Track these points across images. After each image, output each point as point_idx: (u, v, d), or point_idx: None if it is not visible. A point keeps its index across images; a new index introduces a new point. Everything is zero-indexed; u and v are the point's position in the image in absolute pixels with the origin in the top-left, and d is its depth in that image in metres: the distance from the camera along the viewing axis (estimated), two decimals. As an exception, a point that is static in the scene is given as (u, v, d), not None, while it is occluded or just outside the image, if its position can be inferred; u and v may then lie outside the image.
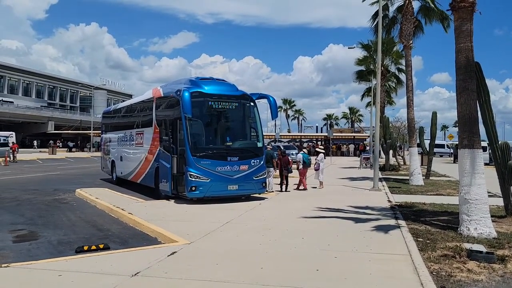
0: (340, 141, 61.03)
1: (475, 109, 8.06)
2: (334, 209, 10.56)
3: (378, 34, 17.23)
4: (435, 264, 5.66)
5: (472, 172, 7.73)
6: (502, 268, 5.52)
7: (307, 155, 16.46)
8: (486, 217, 7.52)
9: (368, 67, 32.52)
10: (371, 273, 5.31)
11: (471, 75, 8.01)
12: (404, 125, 31.42)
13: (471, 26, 8.04)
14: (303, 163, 15.62)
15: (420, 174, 18.07)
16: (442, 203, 11.49)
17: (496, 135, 9.44)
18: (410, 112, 19.05)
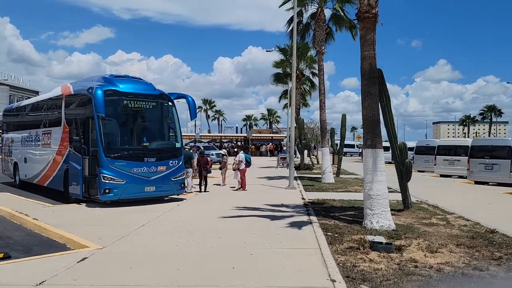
0: (259, 141, 62.39)
1: (378, 112, 8.80)
2: (252, 208, 10.81)
3: (293, 39, 17.99)
4: (341, 256, 6.09)
5: (374, 170, 8.43)
6: (399, 256, 6.11)
7: (248, 155, 16.66)
8: (386, 211, 8.25)
9: (285, 70, 33.70)
10: (284, 267, 5.57)
11: (374, 81, 8.73)
12: (317, 126, 33.07)
13: (375, 36, 8.75)
14: (245, 162, 15.78)
15: (331, 172, 19.18)
16: (350, 199, 12.34)
17: (396, 136, 10.40)
18: (322, 114, 20.14)
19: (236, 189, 15.45)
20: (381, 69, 9.36)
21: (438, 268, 5.54)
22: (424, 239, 7.06)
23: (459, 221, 9.02)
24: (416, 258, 6.00)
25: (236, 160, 15.87)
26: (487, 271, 5.44)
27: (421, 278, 5.09)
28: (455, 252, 6.35)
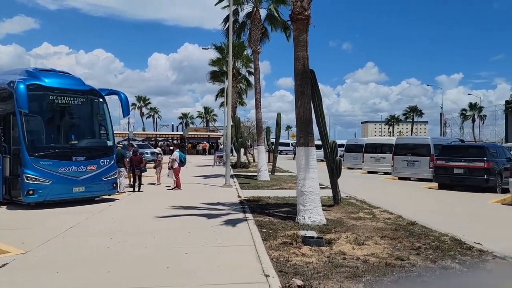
0: (195, 140, 61.80)
1: (310, 112, 9.12)
2: (187, 207, 10.70)
3: (229, 37, 18.05)
4: (275, 252, 6.25)
5: (307, 167, 8.73)
6: (329, 250, 6.39)
7: (183, 154, 16.33)
8: (318, 206, 8.59)
9: (221, 69, 33.69)
10: (219, 265, 5.60)
11: (307, 81, 9.03)
12: (253, 125, 33.44)
13: (307, 37, 9.05)
14: (179, 161, 15.45)
15: (267, 170, 19.54)
16: (284, 196, 12.67)
17: (327, 135, 10.85)
18: (258, 113, 20.43)
19: (171, 188, 15.19)
20: (313, 70, 9.71)
21: (365, 259, 5.88)
22: (352, 233, 7.45)
23: (384, 214, 9.63)
24: (344, 250, 6.32)
25: (170, 158, 15.61)
26: (408, 260, 5.87)
27: (348, 270, 5.37)
28: (380, 244, 6.77)
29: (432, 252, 6.32)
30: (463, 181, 15.56)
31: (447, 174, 15.93)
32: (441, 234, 7.44)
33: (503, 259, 5.93)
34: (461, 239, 7.02)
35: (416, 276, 5.14)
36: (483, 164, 14.93)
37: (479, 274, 5.27)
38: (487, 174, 14.88)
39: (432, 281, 4.99)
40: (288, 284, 4.78)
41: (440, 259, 5.90)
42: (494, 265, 5.65)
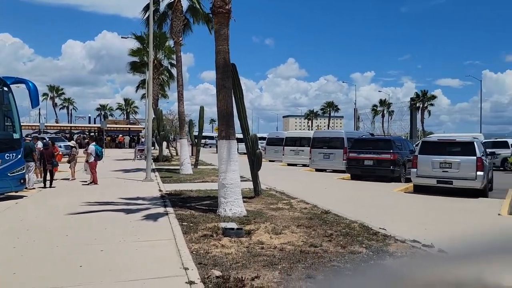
0: (115, 132, 59.10)
1: (231, 105, 9.22)
2: (104, 203, 10.27)
3: (150, 27, 17.51)
4: (196, 244, 6.27)
5: (228, 160, 8.84)
6: (248, 240, 6.57)
7: (100, 147, 15.44)
8: (238, 198, 8.75)
9: (142, 59, 32.55)
10: (137, 260, 5.49)
11: (228, 74, 9.11)
12: (176, 118, 32.89)
13: (228, 31, 9.11)
14: (95, 155, 14.58)
15: (190, 163, 19.38)
16: (206, 189, 12.70)
17: (248, 128, 11.06)
18: (180, 105, 20.13)
19: (87, 184, 14.43)
20: (234, 64, 9.83)
21: (281, 248, 6.15)
22: (270, 223, 7.72)
23: (300, 204, 10.09)
24: (263, 240, 6.54)
25: (85, 152, 14.83)
26: (321, 247, 6.24)
27: (266, 258, 5.58)
28: (296, 233, 7.10)
29: (342, 238, 6.78)
30: (373, 172, 16.81)
31: (358, 166, 17.09)
32: (351, 222, 8.00)
33: (403, 242, 6.55)
34: (368, 225, 7.62)
35: (327, 261, 5.50)
36: (390, 156, 16.27)
37: (383, 256, 5.78)
38: (393, 165, 16.24)
39: (341, 265, 5.38)
40: (207, 275, 4.85)
41: (349, 245, 6.36)
42: (395, 248, 6.22)
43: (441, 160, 12.70)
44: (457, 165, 12.41)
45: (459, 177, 12.36)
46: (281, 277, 4.84)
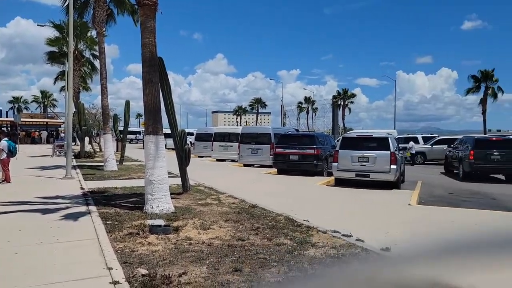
0: (31, 127, 54.81)
1: (159, 100, 9.04)
2: (19, 203, 9.54)
3: (70, 16, 16.46)
4: (120, 243, 6.09)
5: (156, 156, 8.67)
6: (176, 237, 6.52)
7: (13, 143, 14.13)
8: (166, 195, 8.63)
9: (61, 49, 30.45)
10: (55, 263, 5.20)
11: (155, 68, 8.91)
12: (99, 112, 31.36)
13: (155, 24, 8.90)
14: (7, 151, 13.32)
15: (114, 160, 18.62)
16: (133, 186, 12.33)
17: (176, 123, 10.91)
18: (104, 99, 19.23)
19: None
20: (161, 57, 9.63)
21: (209, 243, 6.19)
22: (199, 218, 7.73)
23: (229, 199, 10.21)
24: (191, 236, 6.54)
25: (2, 148, 13.63)
26: (248, 240, 6.39)
27: (194, 254, 5.59)
28: (224, 227, 7.19)
29: (269, 231, 7.00)
30: (298, 167, 17.47)
31: (284, 161, 17.66)
32: (277, 215, 8.28)
33: (325, 233, 6.92)
34: (293, 218, 7.94)
35: (254, 254, 5.65)
36: (313, 151, 17.01)
37: (305, 247, 6.07)
38: (316, 160, 17.01)
39: (267, 256, 5.56)
40: (133, 274, 4.75)
41: (275, 237, 6.58)
42: (317, 238, 6.56)
43: (359, 155, 13.56)
44: (374, 159, 13.34)
45: (375, 171, 13.30)
46: (209, 272, 4.89)
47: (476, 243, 1.91)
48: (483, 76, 44.70)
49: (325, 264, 5.23)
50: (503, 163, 16.32)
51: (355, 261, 5.27)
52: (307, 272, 4.94)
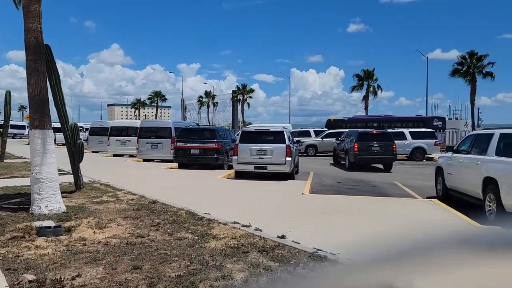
0: None
1: (46, 91, 8.33)
2: None
3: None
4: (3, 249, 5.54)
5: (44, 152, 7.99)
6: (68, 238, 6.13)
7: None
8: (56, 193, 8.01)
9: None
10: None
11: (40, 56, 8.18)
12: (-28, 102, 27.76)
13: (40, 8, 8.16)
14: None
15: (-7, 157, 16.64)
16: (16, 186, 11.18)
17: (67, 117, 10.15)
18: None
19: None
20: (49, 45, 8.90)
21: (106, 242, 5.94)
22: (94, 217, 7.34)
23: (127, 196, 9.84)
24: (85, 236, 6.19)
25: None
26: (148, 236, 6.27)
27: (88, 255, 5.32)
28: (122, 225, 6.94)
29: (170, 226, 6.94)
30: (199, 161, 17.51)
31: (185, 155, 17.54)
32: (178, 209, 8.24)
33: (226, 224, 7.09)
34: (194, 212, 7.98)
35: (154, 250, 5.57)
36: (214, 145, 17.19)
37: (207, 239, 6.16)
38: (217, 154, 17.21)
39: (168, 251, 5.53)
40: (18, 281, 4.37)
41: (176, 232, 6.56)
42: (218, 230, 6.70)
43: (257, 148, 14.07)
44: (271, 152, 13.96)
45: (272, 163, 13.93)
46: (106, 272, 4.71)
47: (418, 245, 1.85)
48: (365, 75, 49.23)
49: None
50: (382, 153, 18.35)
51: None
52: (208, 264, 5.03)
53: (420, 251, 1.72)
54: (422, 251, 1.71)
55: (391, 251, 1.90)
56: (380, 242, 2.88)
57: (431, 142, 25.76)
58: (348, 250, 5.40)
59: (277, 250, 5.64)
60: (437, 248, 1.67)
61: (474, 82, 42.61)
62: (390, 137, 19.00)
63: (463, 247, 1.62)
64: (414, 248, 1.80)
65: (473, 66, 42.26)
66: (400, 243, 1.87)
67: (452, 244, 1.67)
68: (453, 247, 1.61)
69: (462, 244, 1.66)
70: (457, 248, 1.63)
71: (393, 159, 18.84)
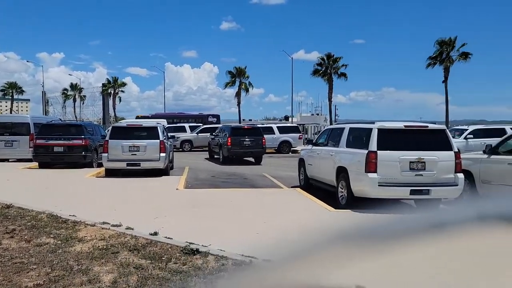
0: None
1: None
2: None
3: None
4: None
5: None
6: None
7: None
8: None
9: None
10: None
11: None
12: None
13: None
14: None
15: None
16: None
17: None
18: None
19: None
20: None
21: None
22: None
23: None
24: None
25: None
26: (1, 245, 5.64)
27: None
28: (-33, 235, 6.11)
29: (27, 232, 6.34)
30: (64, 159, 16.13)
31: (47, 153, 15.97)
32: (38, 213, 7.55)
33: (94, 226, 6.74)
34: (57, 214, 7.40)
35: (8, 260, 5.06)
36: (81, 142, 16.00)
37: (71, 243, 5.80)
38: (84, 151, 16.06)
39: (25, 260, 5.07)
40: None
41: (35, 238, 6.03)
42: (85, 232, 6.35)
43: (130, 144, 13.58)
44: (144, 148, 13.62)
45: (146, 159, 13.61)
46: None
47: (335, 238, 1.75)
48: (237, 72, 50.83)
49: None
50: (253, 147, 19.35)
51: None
52: (72, 269, 4.77)
53: (324, 244, 1.62)
54: (324, 244, 1.62)
55: (296, 248, 1.75)
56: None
57: (296, 136, 27.99)
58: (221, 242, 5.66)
59: (149, 248, 5.60)
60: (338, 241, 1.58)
61: (331, 81, 47.27)
62: (260, 132, 20.11)
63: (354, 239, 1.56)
64: (318, 241, 1.67)
65: (330, 67, 46.82)
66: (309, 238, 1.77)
67: (331, 238, 1.60)
68: (334, 241, 1.57)
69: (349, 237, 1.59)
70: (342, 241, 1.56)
71: (262, 153, 19.99)
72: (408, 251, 1.41)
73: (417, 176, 8.17)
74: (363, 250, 1.49)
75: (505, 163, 8.54)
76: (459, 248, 1.47)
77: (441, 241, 1.50)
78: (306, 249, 1.65)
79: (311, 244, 1.71)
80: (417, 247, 1.45)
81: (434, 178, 8.20)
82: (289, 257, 1.72)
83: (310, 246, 1.70)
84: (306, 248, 1.67)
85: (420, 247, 1.44)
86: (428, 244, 1.46)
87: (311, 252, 1.59)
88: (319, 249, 1.57)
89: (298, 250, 1.70)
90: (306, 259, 1.61)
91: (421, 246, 1.43)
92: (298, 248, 1.74)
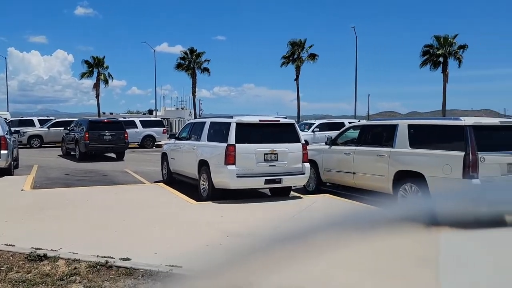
0: None
1: None
2: None
3: None
4: None
5: None
6: None
7: None
8: None
9: None
10: None
11: None
12: None
13: None
14: None
15: None
16: None
17: None
18: None
19: None
20: None
21: None
22: None
23: None
24: None
25: None
26: None
27: None
28: None
29: None
30: None
31: None
32: None
33: None
34: None
35: None
36: None
37: None
38: None
39: None
40: None
41: None
42: None
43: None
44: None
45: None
46: None
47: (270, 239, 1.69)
48: (95, 62, 47.18)
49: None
50: (114, 142, 18.38)
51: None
52: None
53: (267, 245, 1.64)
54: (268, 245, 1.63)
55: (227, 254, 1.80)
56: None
57: (159, 130, 27.45)
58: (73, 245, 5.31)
59: (-16, 258, 4.95)
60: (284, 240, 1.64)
61: (194, 76, 47.44)
62: (121, 126, 19.17)
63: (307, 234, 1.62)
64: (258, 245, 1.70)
65: (193, 62, 46.92)
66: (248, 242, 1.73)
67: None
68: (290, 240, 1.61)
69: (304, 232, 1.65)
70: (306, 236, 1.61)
71: (125, 148, 19.11)
72: (342, 252, 1.54)
73: (270, 167, 8.84)
74: (297, 254, 1.52)
75: (342, 153, 9.49)
76: (381, 248, 1.62)
77: (372, 242, 1.68)
78: (231, 258, 1.70)
79: (241, 250, 1.75)
80: (351, 248, 1.56)
81: (285, 168, 8.98)
82: (217, 265, 1.76)
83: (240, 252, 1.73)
84: (231, 257, 1.71)
85: (352, 248, 1.56)
86: (360, 244, 1.61)
87: (241, 259, 1.63)
88: (249, 254, 1.65)
89: (224, 259, 1.75)
90: (235, 267, 1.67)
91: (353, 247, 1.58)
92: (222, 257, 1.79)
